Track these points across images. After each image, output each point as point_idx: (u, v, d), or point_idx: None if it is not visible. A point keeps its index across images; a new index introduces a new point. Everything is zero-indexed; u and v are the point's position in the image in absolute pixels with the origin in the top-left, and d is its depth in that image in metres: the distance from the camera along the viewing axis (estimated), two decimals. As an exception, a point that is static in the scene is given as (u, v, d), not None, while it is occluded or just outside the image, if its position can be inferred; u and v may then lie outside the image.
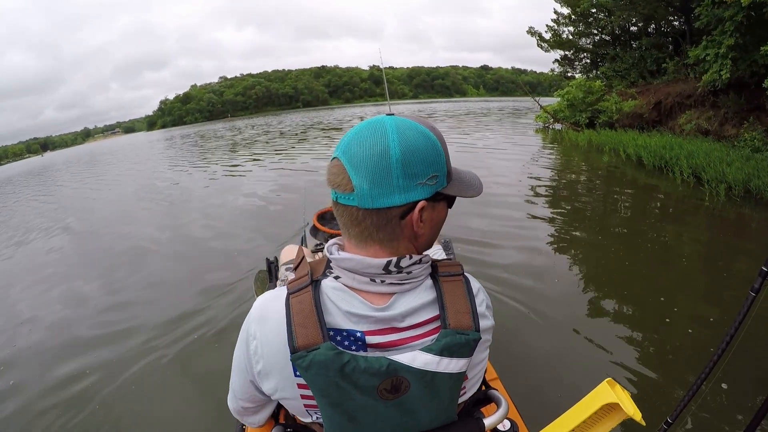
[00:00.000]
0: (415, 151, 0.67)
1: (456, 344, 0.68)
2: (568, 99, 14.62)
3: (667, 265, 4.12)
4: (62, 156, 56.86)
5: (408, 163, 0.66)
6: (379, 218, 0.68)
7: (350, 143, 0.68)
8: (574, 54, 19.83)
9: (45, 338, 3.74)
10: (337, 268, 0.73)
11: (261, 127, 38.98)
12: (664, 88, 12.88)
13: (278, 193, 8.64)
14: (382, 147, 0.65)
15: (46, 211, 10.39)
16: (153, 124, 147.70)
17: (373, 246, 0.71)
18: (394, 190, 0.66)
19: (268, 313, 0.72)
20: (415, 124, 0.70)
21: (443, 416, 0.74)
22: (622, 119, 13.17)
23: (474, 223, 5.45)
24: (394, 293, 0.72)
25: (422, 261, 0.73)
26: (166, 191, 10.53)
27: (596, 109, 14.01)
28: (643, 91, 13.83)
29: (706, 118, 10.56)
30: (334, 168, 0.69)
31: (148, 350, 3.27)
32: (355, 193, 0.66)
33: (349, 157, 0.67)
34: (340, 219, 0.73)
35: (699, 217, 5.46)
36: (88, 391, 2.87)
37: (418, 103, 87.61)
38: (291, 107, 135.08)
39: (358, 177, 0.66)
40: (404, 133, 0.67)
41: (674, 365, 2.70)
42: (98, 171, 19.88)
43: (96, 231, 7.41)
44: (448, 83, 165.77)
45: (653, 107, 12.76)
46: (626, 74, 15.68)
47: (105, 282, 4.93)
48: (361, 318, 0.69)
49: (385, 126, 0.68)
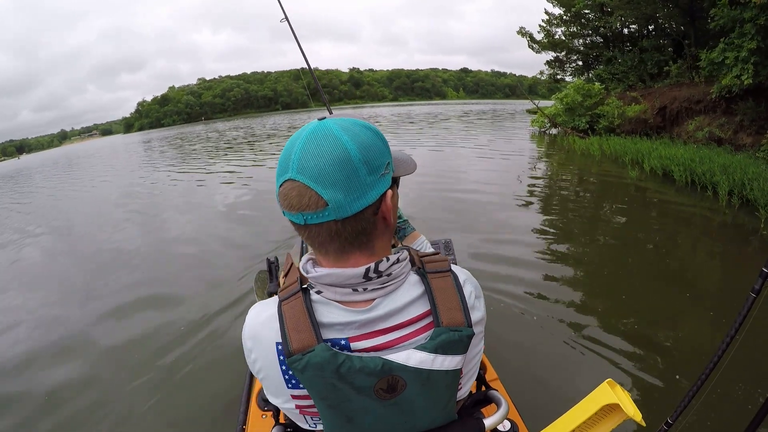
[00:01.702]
0: (369, 145, 0.66)
1: (450, 342, 0.68)
2: (567, 102, 13.76)
3: (669, 265, 4.17)
4: (38, 159, 56.61)
5: (368, 160, 0.65)
6: (357, 223, 0.66)
7: (301, 159, 0.64)
8: (566, 56, 19.24)
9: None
10: (318, 284, 0.71)
11: (243, 129, 38.40)
12: (668, 92, 12.26)
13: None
14: (341, 151, 0.63)
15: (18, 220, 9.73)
16: (130, 126, 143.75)
17: (353, 254, 0.69)
18: (365, 189, 0.65)
19: (260, 330, 0.72)
20: (353, 120, 0.69)
21: (442, 415, 0.74)
22: (625, 124, 12.50)
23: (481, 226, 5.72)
24: (378, 297, 0.70)
25: (400, 260, 0.72)
26: (166, 193, 10.45)
27: (596, 114, 13.27)
28: (644, 95, 13.22)
29: (718, 125, 9.92)
30: (293, 191, 0.65)
31: (152, 350, 3.28)
32: (330, 207, 0.63)
33: (309, 173, 0.63)
34: (314, 240, 0.69)
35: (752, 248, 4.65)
36: (89, 395, 2.86)
37: (398, 105, 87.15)
38: (270, 109, 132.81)
39: (328, 190, 0.63)
40: (351, 131, 0.65)
41: (674, 366, 2.71)
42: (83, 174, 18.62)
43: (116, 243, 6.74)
44: (428, 86, 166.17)
45: (657, 112, 12.13)
46: (624, 77, 15.08)
47: (102, 285, 4.84)
48: (345, 326, 0.68)
49: (332, 130, 0.65)
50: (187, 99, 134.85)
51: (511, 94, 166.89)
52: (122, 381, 2.95)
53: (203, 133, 40.13)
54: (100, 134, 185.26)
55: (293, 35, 3.01)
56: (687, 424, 1.90)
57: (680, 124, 11.44)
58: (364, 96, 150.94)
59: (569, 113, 13.94)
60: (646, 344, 2.93)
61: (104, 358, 3.30)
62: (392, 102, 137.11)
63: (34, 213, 10.16)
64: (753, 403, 1.96)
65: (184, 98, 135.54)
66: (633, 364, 2.70)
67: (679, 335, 3.04)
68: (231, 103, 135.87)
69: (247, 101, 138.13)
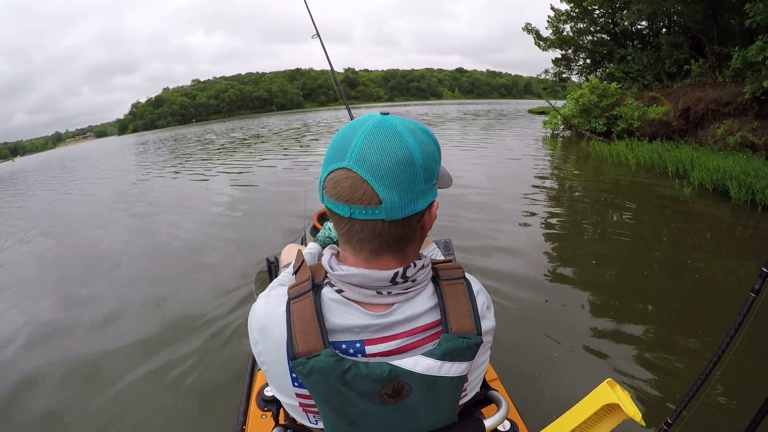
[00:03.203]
0: (429, 153, 0.64)
1: (458, 348, 0.66)
2: (583, 103, 12.85)
3: (674, 273, 4.05)
4: (33, 161, 55.96)
5: (427, 166, 0.63)
6: (402, 227, 0.63)
7: (363, 150, 0.60)
8: (574, 53, 18.50)
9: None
10: (340, 283, 0.67)
11: (241, 130, 37.32)
12: (691, 93, 11.51)
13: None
14: (406, 154, 0.60)
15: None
16: (124, 128, 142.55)
17: (385, 257, 0.66)
18: (419, 195, 0.62)
19: (270, 325, 0.68)
20: (416, 123, 0.67)
21: (444, 418, 0.73)
22: (645, 127, 11.74)
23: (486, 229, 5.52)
24: (397, 302, 0.68)
25: (424, 266, 0.70)
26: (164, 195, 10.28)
27: (612, 115, 12.50)
28: (663, 95, 12.46)
29: (750, 130, 9.17)
30: (346, 181, 0.60)
31: (155, 350, 3.22)
32: (383, 206, 0.60)
33: (369, 167, 0.59)
34: (353, 235, 0.65)
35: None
36: (87, 397, 2.79)
37: (393, 106, 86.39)
38: (265, 110, 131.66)
39: (386, 188, 0.59)
40: (416, 136, 0.63)
41: (674, 366, 2.70)
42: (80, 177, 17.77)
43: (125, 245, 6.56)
44: (424, 86, 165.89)
45: (680, 114, 11.39)
46: (639, 76, 14.34)
47: (105, 287, 4.71)
48: (362, 329, 0.66)
49: (397, 129, 0.62)
50: (181, 100, 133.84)
51: (506, 93, 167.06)
52: (121, 381, 2.90)
53: (201, 134, 39.32)
54: (94, 136, 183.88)
55: (322, 48, 3.10)
56: (687, 424, 1.89)
57: (705, 128, 10.69)
58: (360, 96, 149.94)
59: (584, 114, 13.10)
60: (647, 344, 2.92)
61: (103, 358, 3.24)
62: (388, 102, 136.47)
63: (27, 218, 9.70)
64: (753, 403, 1.73)
65: (178, 99, 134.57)
66: (633, 364, 2.70)
67: (680, 335, 3.02)
68: (225, 104, 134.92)
69: (242, 102, 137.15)
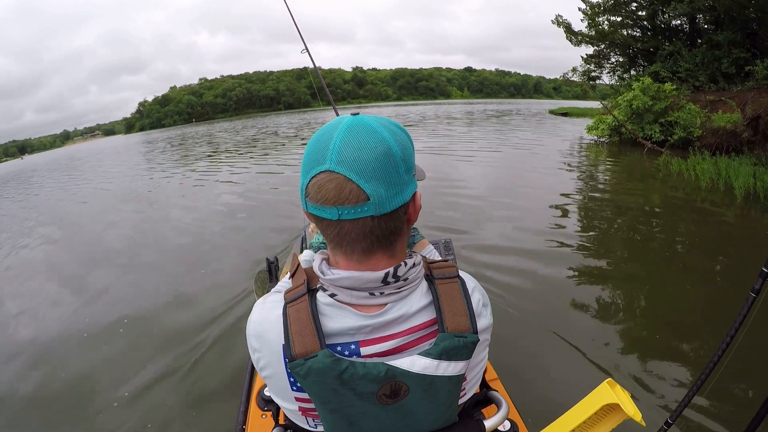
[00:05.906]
0: (405, 145, 0.65)
1: (454, 347, 0.66)
2: (637, 106, 11.17)
3: (671, 267, 4.04)
4: (42, 158, 57.00)
5: (405, 158, 0.64)
6: (391, 221, 0.64)
7: (342, 150, 0.60)
8: (609, 48, 16.88)
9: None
10: (333, 287, 0.67)
11: (255, 128, 36.69)
12: (759, 99, 9.95)
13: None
14: (385, 147, 0.61)
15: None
16: (131, 126, 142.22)
17: (377, 254, 0.67)
18: (403, 186, 0.63)
19: (266, 330, 0.69)
20: (387, 119, 0.68)
21: (443, 418, 0.73)
22: (707, 136, 10.16)
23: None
24: (390, 302, 0.68)
25: (416, 264, 0.70)
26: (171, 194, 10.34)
27: (667, 121, 10.95)
28: (721, 99, 10.91)
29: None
30: (331, 182, 0.61)
31: (157, 350, 3.22)
32: (371, 201, 0.60)
33: (351, 164, 0.60)
34: (343, 238, 0.64)
35: None
36: (87, 397, 2.81)
37: (403, 105, 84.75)
38: (272, 109, 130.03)
39: (371, 183, 0.60)
40: (390, 130, 0.64)
41: (674, 365, 2.67)
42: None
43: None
44: (432, 85, 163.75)
45: (748, 123, 9.83)
46: (690, 76, 12.77)
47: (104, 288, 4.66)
48: (356, 330, 0.66)
49: (372, 125, 0.63)
50: (188, 99, 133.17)
51: (516, 93, 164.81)
52: (120, 381, 2.87)
53: (207, 132, 38.60)
54: (102, 134, 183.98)
55: (311, 61, 3.23)
56: (687, 424, 1.83)
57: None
58: (368, 95, 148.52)
59: (637, 119, 11.50)
60: (647, 344, 2.92)
61: (103, 358, 3.21)
62: (396, 101, 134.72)
63: (36, 218, 9.54)
64: (753, 402, 1.86)
65: (185, 98, 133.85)
66: (633, 364, 2.68)
67: (680, 335, 3.01)
68: (233, 103, 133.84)
69: (249, 101, 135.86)
